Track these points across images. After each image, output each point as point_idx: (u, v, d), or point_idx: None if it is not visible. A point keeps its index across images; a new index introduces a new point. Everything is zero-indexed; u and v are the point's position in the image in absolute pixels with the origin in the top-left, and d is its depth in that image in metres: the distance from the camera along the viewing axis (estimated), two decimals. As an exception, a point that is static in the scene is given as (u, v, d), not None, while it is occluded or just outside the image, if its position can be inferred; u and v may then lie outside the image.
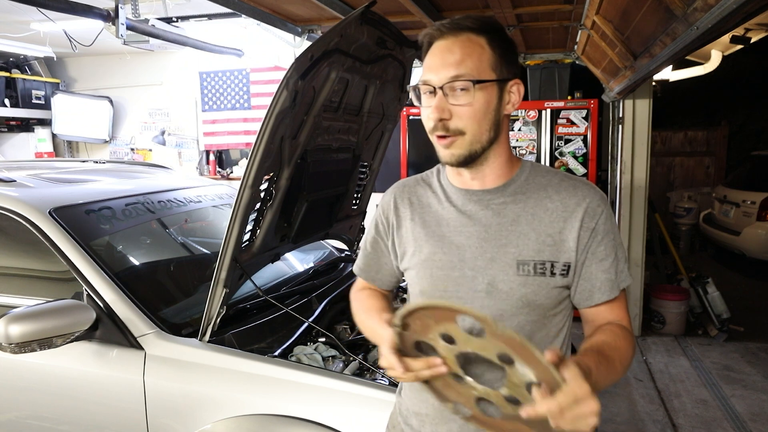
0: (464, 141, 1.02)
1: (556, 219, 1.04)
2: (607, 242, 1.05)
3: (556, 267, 1.03)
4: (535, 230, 1.04)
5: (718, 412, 3.41)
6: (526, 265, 1.02)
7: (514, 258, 1.03)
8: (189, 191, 2.62)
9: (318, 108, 1.95)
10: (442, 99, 1.00)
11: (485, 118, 1.02)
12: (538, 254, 1.02)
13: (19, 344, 1.62)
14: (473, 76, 0.99)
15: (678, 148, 8.87)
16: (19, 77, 6.18)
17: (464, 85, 0.99)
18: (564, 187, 1.07)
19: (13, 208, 1.95)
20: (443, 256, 1.07)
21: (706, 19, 1.65)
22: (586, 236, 1.04)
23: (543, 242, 1.03)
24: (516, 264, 1.02)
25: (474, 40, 1.01)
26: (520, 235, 1.04)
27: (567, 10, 3.29)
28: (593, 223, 1.04)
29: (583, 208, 1.04)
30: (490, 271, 1.03)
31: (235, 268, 1.81)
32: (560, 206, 1.05)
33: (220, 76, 6.05)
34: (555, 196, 1.06)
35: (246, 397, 1.67)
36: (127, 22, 3.33)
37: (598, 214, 1.05)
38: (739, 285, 6.05)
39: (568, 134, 4.65)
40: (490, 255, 1.04)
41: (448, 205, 1.11)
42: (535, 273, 1.02)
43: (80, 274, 1.84)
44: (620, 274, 1.07)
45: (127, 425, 1.78)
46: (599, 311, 1.07)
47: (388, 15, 2.49)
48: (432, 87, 1.01)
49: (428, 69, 1.03)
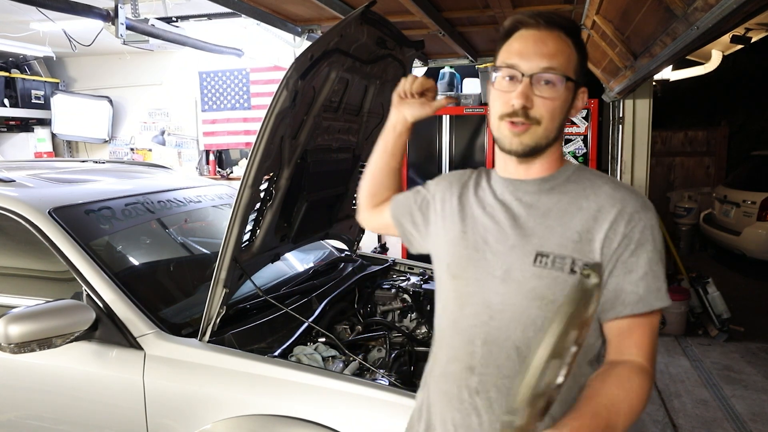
0: (537, 132, 1.02)
1: (587, 218, 1.01)
2: (641, 254, 0.98)
3: (577, 265, 0.98)
4: (562, 225, 1.01)
5: (718, 412, 3.40)
6: (544, 257, 1.00)
7: (534, 248, 1.01)
8: (189, 191, 2.62)
9: (318, 108, 1.94)
10: (528, 86, 1.00)
11: (560, 115, 1.04)
12: (560, 249, 1.00)
13: (18, 344, 1.62)
14: (563, 71, 1.00)
15: (678, 148, 8.87)
16: (19, 77, 6.17)
17: (553, 79, 1.00)
18: (605, 189, 1.03)
19: (12, 208, 1.95)
20: (472, 236, 1.09)
21: (707, 18, 1.65)
22: (615, 241, 0.99)
23: (568, 238, 1.00)
24: (534, 255, 1.01)
25: (564, 39, 1.02)
26: (547, 227, 1.02)
27: (567, 10, 3.29)
28: (627, 229, 0.99)
29: (617, 209, 1.00)
30: (509, 258, 1.03)
31: (235, 268, 1.81)
32: (594, 206, 1.02)
33: (219, 76, 6.05)
34: (592, 197, 1.03)
35: (246, 397, 1.67)
36: (127, 21, 3.33)
37: (636, 221, 0.99)
38: (740, 285, 6.04)
39: (568, 134, 4.64)
40: (512, 242, 1.04)
41: (490, 192, 1.14)
42: (553, 266, 0.99)
43: (80, 274, 1.84)
44: (653, 292, 0.98)
45: (126, 425, 1.77)
46: (620, 328, 1.00)
47: (388, 15, 2.49)
48: (519, 73, 1.01)
49: (517, 54, 1.02)
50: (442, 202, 1.20)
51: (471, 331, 1.05)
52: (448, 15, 3.42)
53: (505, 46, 1.06)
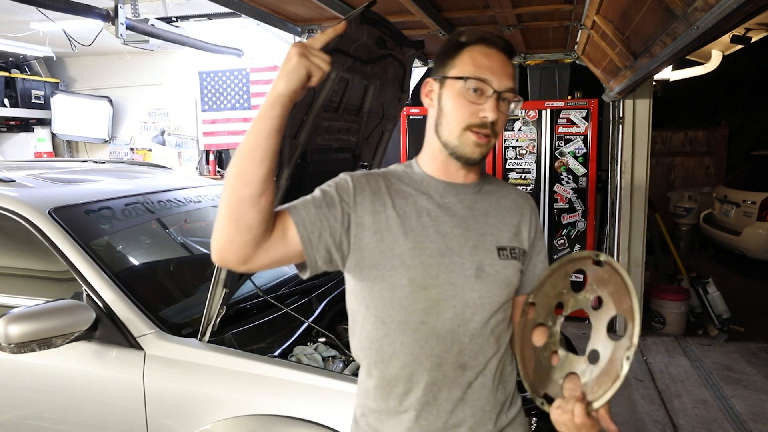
0: (491, 143, 1.13)
1: (513, 215, 1.21)
2: (540, 238, 1.25)
3: (519, 252, 1.18)
4: (502, 222, 1.18)
5: (718, 412, 3.41)
6: (504, 250, 1.16)
7: (493, 245, 1.15)
8: (189, 191, 2.62)
9: (318, 108, 1.94)
10: (495, 102, 1.08)
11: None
12: (509, 241, 1.17)
13: (18, 344, 1.62)
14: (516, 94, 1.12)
15: (678, 148, 8.87)
16: (19, 77, 6.18)
17: (511, 98, 1.11)
18: (510, 190, 1.26)
19: (12, 208, 1.95)
20: (431, 244, 1.09)
21: (707, 18, 1.65)
22: (533, 231, 1.23)
23: (510, 231, 1.18)
24: (496, 250, 1.15)
25: (512, 65, 1.14)
26: (492, 225, 1.17)
27: (567, 10, 3.28)
28: (535, 221, 1.24)
29: (530, 207, 1.25)
30: (477, 257, 1.12)
31: (234, 268, 1.81)
32: (514, 204, 1.22)
33: (219, 76, 6.05)
34: (508, 197, 1.23)
35: (246, 397, 1.67)
36: (127, 21, 3.34)
37: (536, 214, 1.26)
38: (740, 285, 6.05)
39: (568, 134, 4.65)
40: (473, 243, 1.13)
41: (425, 197, 1.14)
42: (511, 257, 1.16)
43: (80, 274, 1.84)
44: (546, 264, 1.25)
45: (126, 425, 1.77)
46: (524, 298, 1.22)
47: (388, 15, 2.49)
48: (490, 88, 1.08)
49: (488, 71, 1.09)
50: (374, 215, 1.09)
51: (456, 331, 1.10)
52: (448, 15, 3.42)
53: (467, 57, 1.10)
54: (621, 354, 1.02)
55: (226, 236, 0.98)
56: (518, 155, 4.79)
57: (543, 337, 1.16)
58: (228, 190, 0.98)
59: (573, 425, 1.01)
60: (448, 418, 1.12)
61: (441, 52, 1.14)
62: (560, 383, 1.11)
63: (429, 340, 1.10)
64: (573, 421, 1.01)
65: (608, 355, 1.06)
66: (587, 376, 1.08)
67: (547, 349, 1.15)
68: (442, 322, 1.09)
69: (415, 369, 1.11)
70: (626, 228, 4.55)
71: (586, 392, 1.05)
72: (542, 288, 1.18)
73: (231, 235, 0.98)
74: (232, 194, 0.97)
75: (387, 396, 1.14)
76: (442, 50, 1.14)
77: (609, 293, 1.09)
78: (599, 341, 1.09)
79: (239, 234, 0.97)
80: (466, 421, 1.13)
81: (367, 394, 1.18)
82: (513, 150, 4.80)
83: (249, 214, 0.97)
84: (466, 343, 1.11)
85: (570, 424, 1.02)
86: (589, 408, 1.02)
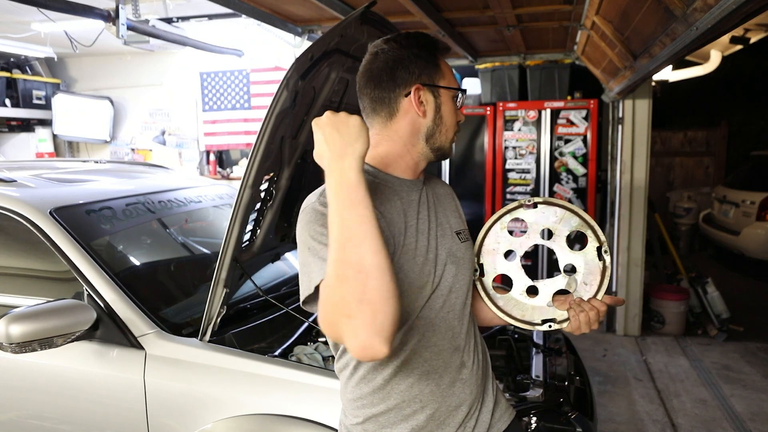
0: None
1: (449, 200, 1.32)
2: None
3: (466, 233, 1.28)
4: (446, 209, 1.28)
5: (717, 411, 3.41)
6: (461, 234, 1.26)
7: (452, 230, 1.24)
8: (189, 191, 2.63)
9: (318, 108, 1.95)
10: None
11: None
12: (459, 225, 1.27)
13: (19, 344, 1.63)
14: None
15: (678, 148, 8.87)
16: (20, 77, 6.18)
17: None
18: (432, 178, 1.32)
19: (13, 208, 1.95)
20: (417, 243, 1.14)
21: (706, 19, 1.65)
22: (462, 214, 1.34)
23: (456, 216, 1.29)
24: (455, 234, 1.24)
25: None
26: (445, 212, 1.26)
27: (567, 10, 3.29)
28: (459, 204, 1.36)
29: (452, 192, 1.36)
30: (446, 244, 1.20)
31: (235, 268, 1.81)
32: (444, 192, 1.32)
33: (220, 77, 6.05)
34: (438, 185, 1.32)
35: (246, 397, 1.67)
36: (128, 22, 3.34)
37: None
38: (739, 285, 6.05)
39: (568, 134, 4.65)
40: (440, 232, 1.21)
41: (397, 198, 1.17)
42: (466, 239, 1.27)
43: (81, 274, 1.85)
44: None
45: (127, 425, 1.78)
46: None
47: (388, 15, 2.49)
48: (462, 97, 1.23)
49: (453, 80, 1.21)
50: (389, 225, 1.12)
51: (447, 318, 1.17)
52: (448, 15, 3.43)
53: (445, 67, 1.19)
54: (593, 254, 1.20)
55: (389, 332, 0.88)
56: (518, 155, 4.79)
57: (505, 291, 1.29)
58: (376, 288, 0.87)
59: (595, 317, 1.18)
60: (450, 400, 1.16)
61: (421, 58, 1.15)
62: (551, 306, 1.24)
63: (427, 332, 1.13)
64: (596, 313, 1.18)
65: (582, 260, 1.22)
66: (573, 285, 1.22)
67: (517, 290, 1.27)
68: (435, 312, 1.15)
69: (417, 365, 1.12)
70: (626, 228, 4.55)
71: (582, 296, 1.21)
72: (482, 248, 1.30)
73: (393, 330, 0.88)
74: (384, 293, 0.87)
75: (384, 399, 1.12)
76: (423, 57, 1.15)
77: (554, 223, 1.25)
78: (567, 257, 1.24)
79: (396, 326, 0.89)
80: (466, 400, 1.19)
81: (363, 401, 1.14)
82: (513, 150, 4.80)
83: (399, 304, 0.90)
84: (456, 327, 1.19)
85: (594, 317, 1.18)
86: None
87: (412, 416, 1.13)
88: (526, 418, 1.73)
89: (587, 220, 1.21)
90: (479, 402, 1.22)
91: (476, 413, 1.21)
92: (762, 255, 5.98)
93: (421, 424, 1.13)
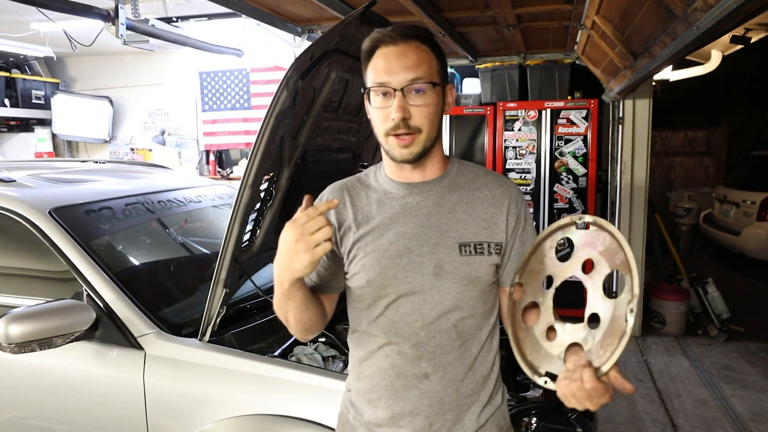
0: (420, 139, 1.12)
1: (487, 206, 1.19)
2: (528, 227, 1.23)
3: (492, 246, 1.17)
4: (470, 216, 1.18)
5: (718, 412, 3.41)
6: (467, 247, 1.16)
7: (456, 241, 1.16)
8: (189, 191, 2.62)
9: (318, 108, 1.95)
10: (402, 99, 1.09)
11: (436, 118, 1.14)
12: (476, 236, 1.17)
13: (19, 344, 1.62)
14: (429, 78, 1.10)
15: (678, 148, 8.87)
16: (19, 77, 6.17)
17: (423, 87, 1.10)
18: (489, 179, 1.23)
19: (13, 208, 1.95)
20: (390, 246, 1.15)
21: (706, 19, 1.65)
22: (513, 221, 1.20)
23: (479, 226, 1.18)
24: (458, 246, 1.16)
25: (422, 47, 1.12)
26: (459, 221, 1.17)
27: (567, 10, 3.29)
28: (516, 210, 1.21)
29: (509, 197, 1.21)
30: (436, 255, 1.15)
31: (235, 268, 1.81)
32: (489, 195, 1.21)
33: (220, 76, 6.05)
34: (483, 188, 1.21)
35: (246, 397, 1.67)
36: (127, 22, 3.34)
37: (521, 203, 1.22)
38: (739, 285, 6.05)
39: (568, 134, 4.64)
40: (434, 241, 1.16)
41: (388, 200, 1.19)
42: (476, 252, 1.16)
43: (80, 274, 1.84)
44: None
45: (127, 425, 1.78)
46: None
47: (388, 15, 2.49)
48: (390, 89, 1.09)
49: (384, 72, 1.10)
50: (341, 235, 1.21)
51: (412, 325, 1.16)
52: (448, 15, 3.42)
53: (371, 66, 1.13)
54: (623, 309, 0.97)
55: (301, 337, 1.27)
56: (518, 155, 4.79)
57: (535, 316, 1.14)
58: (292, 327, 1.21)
59: (584, 393, 0.95)
60: (405, 404, 1.19)
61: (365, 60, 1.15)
62: (561, 358, 1.06)
63: (389, 332, 1.18)
64: (583, 389, 0.94)
65: (609, 314, 1.01)
66: (590, 342, 1.02)
67: (540, 326, 1.12)
68: (401, 315, 1.17)
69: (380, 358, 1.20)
70: (626, 228, 4.55)
71: (592, 359, 0.99)
72: (527, 266, 1.16)
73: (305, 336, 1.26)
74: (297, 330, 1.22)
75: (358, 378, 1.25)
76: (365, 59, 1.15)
77: (599, 253, 1.06)
78: (597, 303, 1.04)
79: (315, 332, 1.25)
80: (423, 411, 1.18)
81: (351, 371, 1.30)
82: (513, 150, 4.80)
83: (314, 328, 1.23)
84: (422, 336, 1.16)
85: (580, 393, 0.95)
86: (597, 373, 0.96)
87: (376, 403, 1.21)
88: (526, 418, 1.73)
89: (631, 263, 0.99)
90: (448, 423, 1.18)
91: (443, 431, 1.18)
92: (762, 255, 5.98)
93: (381, 415, 1.21)
